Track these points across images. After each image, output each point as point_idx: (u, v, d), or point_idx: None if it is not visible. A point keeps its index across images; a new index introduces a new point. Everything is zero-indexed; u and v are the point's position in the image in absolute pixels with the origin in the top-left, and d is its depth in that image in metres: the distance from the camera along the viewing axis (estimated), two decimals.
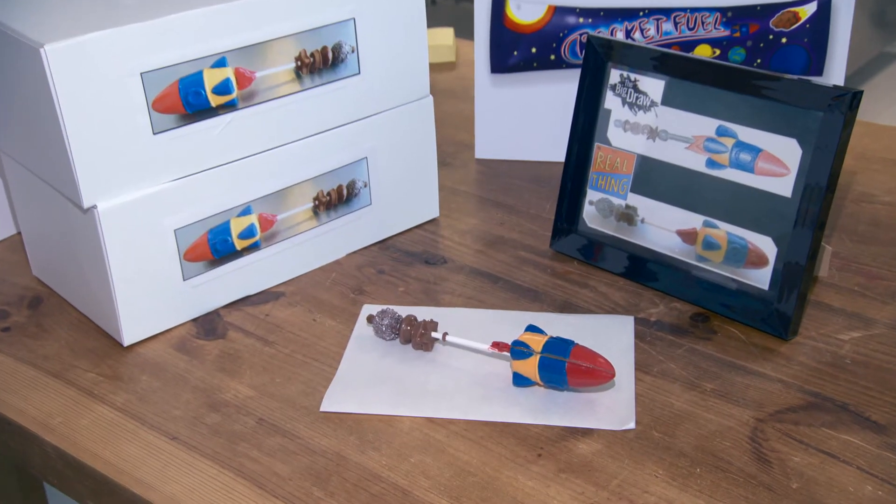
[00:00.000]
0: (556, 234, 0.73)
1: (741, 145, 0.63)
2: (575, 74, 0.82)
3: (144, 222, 0.61)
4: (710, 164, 0.64)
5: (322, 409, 0.57)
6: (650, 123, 0.67)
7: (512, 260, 0.72)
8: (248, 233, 0.66)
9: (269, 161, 0.66)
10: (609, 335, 0.62)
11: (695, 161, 0.65)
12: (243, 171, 0.65)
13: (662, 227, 0.67)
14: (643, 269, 0.68)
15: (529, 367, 0.56)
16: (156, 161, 0.60)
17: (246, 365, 0.61)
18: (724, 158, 0.64)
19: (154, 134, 0.60)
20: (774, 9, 0.76)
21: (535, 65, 0.83)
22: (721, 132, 0.64)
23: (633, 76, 0.68)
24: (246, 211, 0.66)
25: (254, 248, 0.67)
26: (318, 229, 0.70)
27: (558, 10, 0.80)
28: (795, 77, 0.60)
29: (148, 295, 0.63)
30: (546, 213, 0.78)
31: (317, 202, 0.70)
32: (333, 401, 0.57)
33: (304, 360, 0.61)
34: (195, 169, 0.62)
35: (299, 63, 0.65)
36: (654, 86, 0.67)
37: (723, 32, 0.78)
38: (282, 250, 0.69)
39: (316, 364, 0.61)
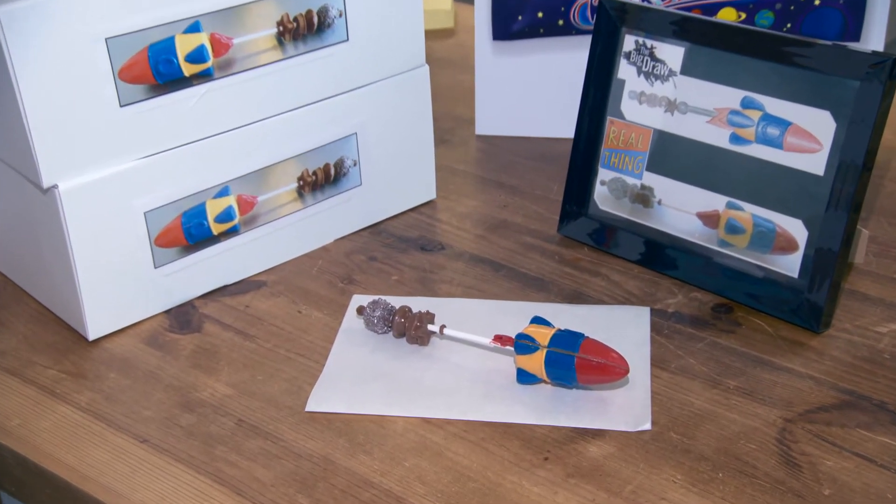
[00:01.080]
0: (564, 217, 0.73)
1: (769, 118, 0.63)
2: (585, 41, 0.81)
3: (111, 204, 0.61)
4: (735, 139, 0.64)
5: (307, 408, 0.57)
6: (668, 95, 0.67)
7: (516, 246, 0.72)
8: (225, 216, 0.66)
9: (249, 137, 0.65)
10: (623, 328, 0.62)
11: (717, 136, 0.65)
12: (220, 148, 0.64)
13: (681, 210, 0.67)
14: (660, 255, 0.68)
15: (535, 362, 0.56)
16: (123, 136, 0.60)
17: (224, 361, 0.61)
18: (749, 133, 0.63)
19: (121, 106, 0.59)
20: None
21: (541, 31, 0.82)
22: (746, 104, 0.63)
23: (649, 43, 0.67)
24: (223, 192, 0.65)
25: (232, 232, 0.67)
26: (303, 212, 0.70)
27: None
28: (829, 42, 0.60)
29: (115, 284, 0.63)
30: (553, 194, 0.78)
31: (301, 182, 0.69)
32: (320, 400, 0.57)
33: (288, 355, 0.61)
34: (167, 145, 0.62)
35: (281, 28, 0.64)
36: (672, 53, 0.66)
37: None
38: (263, 235, 0.69)
39: (301, 360, 0.61)
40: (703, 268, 0.66)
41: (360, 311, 0.62)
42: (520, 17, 0.82)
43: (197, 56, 0.61)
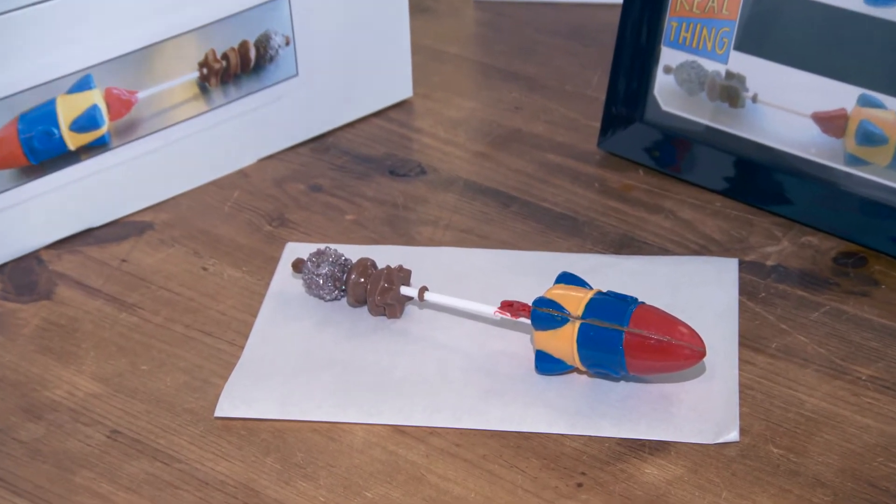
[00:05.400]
0: (608, 124, 0.72)
1: None
2: None
3: None
4: None
5: (218, 413, 0.57)
6: None
7: (535, 168, 0.72)
8: (87, 121, 0.66)
9: None
10: (697, 289, 0.62)
11: None
12: (75, 15, 0.64)
13: (788, 109, 0.67)
14: (755, 180, 0.68)
15: (563, 341, 0.56)
16: None
17: (88, 342, 0.61)
18: None
19: None
20: None
21: None
22: None
23: None
24: (83, 84, 0.65)
25: (98, 147, 0.67)
26: (209, 117, 0.70)
27: None
28: None
29: None
30: (592, 90, 0.78)
31: (205, 71, 0.69)
32: (237, 400, 0.57)
33: (188, 333, 0.61)
34: None
35: None
36: None
37: None
38: (147, 152, 0.68)
39: (208, 340, 0.61)
40: (821, 198, 0.66)
41: (299, 266, 0.62)
42: None
43: None
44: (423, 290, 0.60)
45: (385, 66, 0.76)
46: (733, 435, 0.54)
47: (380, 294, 0.60)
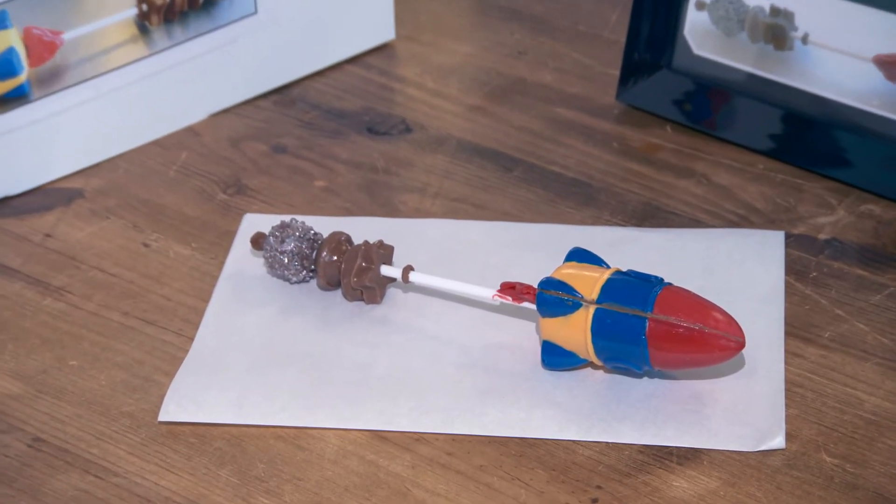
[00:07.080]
0: (630, 72, 0.72)
1: None
2: None
3: None
4: None
5: (163, 417, 0.57)
6: None
7: (542, 125, 0.72)
8: (2, 67, 0.66)
9: None
10: (735, 268, 0.62)
11: None
12: None
13: (846, 52, 0.67)
14: (806, 137, 0.68)
15: (574, 330, 0.56)
16: None
17: (6, 334, 0.61)
18: None
19: None
20: None
21: None
22: None
23: None
24: None
25: (16, 98, 0.67)
26: (150, 62, 0.70)
27: None
28: None
29: None
30: (609, 31, 0.78)
31: (145, 6, 0.69)
32: (185, 401, 0.57)
33: (126, 322, 0.61)
34: None
35: None
36: None
37: None
38: (76, 105, 0.69)
39: (150, 331, 0.61)
40: (884, 159, 0.66)
41: (259, 241, 0.62)
42: None
43: None
44: (407, 269, 0.60)
45: (362, 2, 0.76)
46: (778, 441, 0.54)
47: (356, 275, 0.60)
